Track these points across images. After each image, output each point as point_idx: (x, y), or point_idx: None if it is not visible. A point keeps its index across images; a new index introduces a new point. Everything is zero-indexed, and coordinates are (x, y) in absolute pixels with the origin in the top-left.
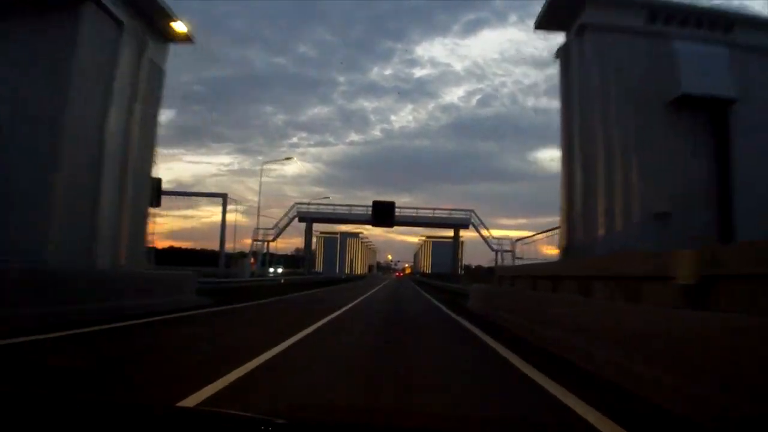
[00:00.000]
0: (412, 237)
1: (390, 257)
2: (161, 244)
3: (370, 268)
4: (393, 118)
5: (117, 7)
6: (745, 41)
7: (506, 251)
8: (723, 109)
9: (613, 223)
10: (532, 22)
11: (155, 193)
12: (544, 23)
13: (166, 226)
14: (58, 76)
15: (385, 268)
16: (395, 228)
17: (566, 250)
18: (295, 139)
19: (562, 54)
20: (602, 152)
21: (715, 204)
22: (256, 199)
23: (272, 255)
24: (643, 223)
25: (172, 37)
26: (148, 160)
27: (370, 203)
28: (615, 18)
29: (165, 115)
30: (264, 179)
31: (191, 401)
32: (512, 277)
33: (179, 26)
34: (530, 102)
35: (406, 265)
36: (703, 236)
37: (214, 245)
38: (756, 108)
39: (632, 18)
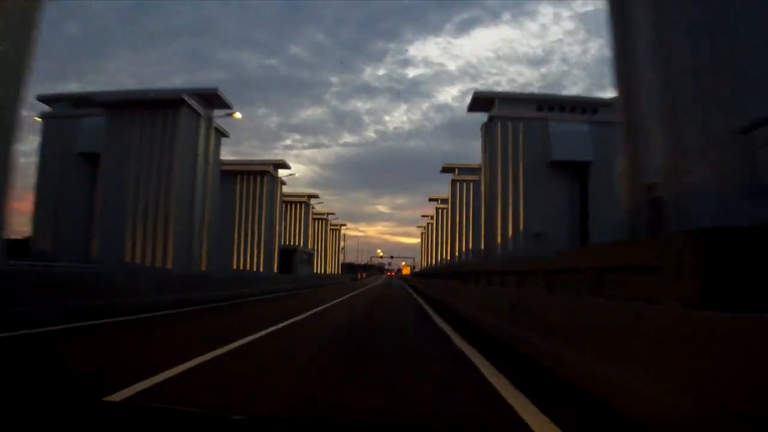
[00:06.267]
0: (412, 238)
1: (381, 253)
2: None
3: (288, 254)
4: (387, 118)
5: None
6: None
7: None
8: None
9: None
10: (525, 20)
11: None
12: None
13: None
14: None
15: (374, 268)
16: (394, 226)
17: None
18: (288, 141)
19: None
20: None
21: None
22: None
23: None
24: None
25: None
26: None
27: None
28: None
29: None
30: None
31: None
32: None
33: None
34: None
35: (404, 264)
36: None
37: None
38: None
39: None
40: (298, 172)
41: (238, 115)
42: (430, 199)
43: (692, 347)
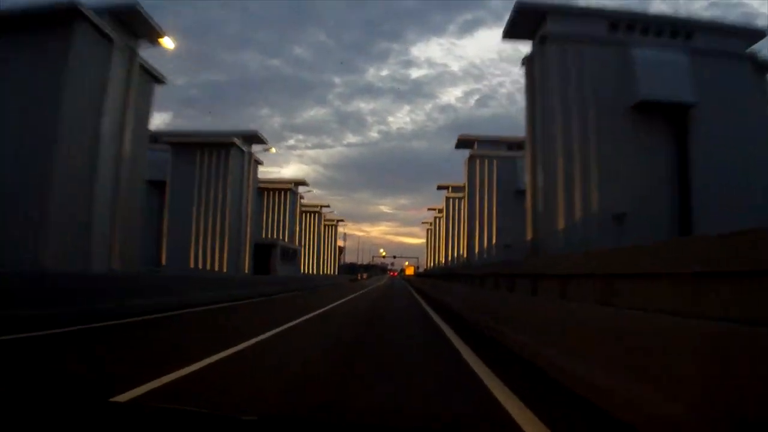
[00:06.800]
0: (415, 239)
1: (383, 253)
2: None
3: (265, 250)
4: (390, 119)
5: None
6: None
7: None
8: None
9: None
10: None
11: None
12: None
13: None
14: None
15: (376, 268)
16: (398, 226)
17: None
18: (292, 141)
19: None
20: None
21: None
22: None
23: None
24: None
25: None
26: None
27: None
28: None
29: (161, 119)
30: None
31: None
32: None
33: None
34: None
35: (407, 264)
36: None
37: None
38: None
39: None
40: (301, 171)
41: (168, 44)
42: (440, 187)
43: None
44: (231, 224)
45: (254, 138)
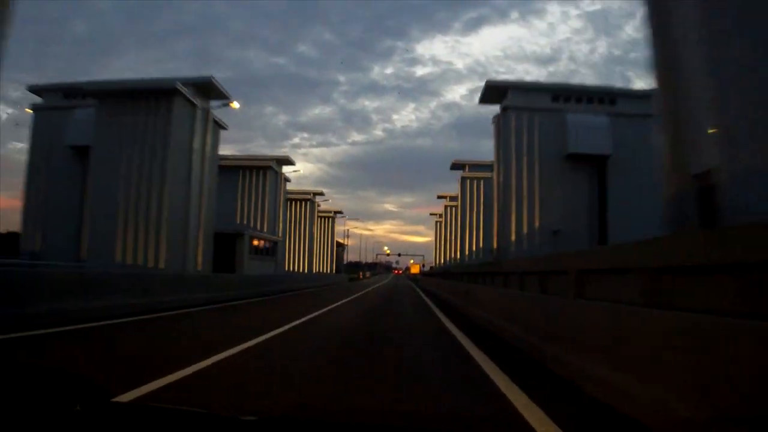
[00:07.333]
0: (421, 237)
1: (388, 251)
2: None
3: (228, 241)
4: (395, 117)
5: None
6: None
7: None
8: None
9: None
10: (533, 19)
11: None
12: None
13: None
14: None
15: (381, 266)
16: (402, 224)
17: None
18: (296, 140)
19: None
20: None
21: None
22: None
23: None
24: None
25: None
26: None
27: None
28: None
29: None
30: None
31: None
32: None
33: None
34: None
35: (412, 261)
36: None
37: None
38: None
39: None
40: (305, 170)
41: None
42: (454, 166)
43: None
44: (173, 204)
45: (209, 88)
